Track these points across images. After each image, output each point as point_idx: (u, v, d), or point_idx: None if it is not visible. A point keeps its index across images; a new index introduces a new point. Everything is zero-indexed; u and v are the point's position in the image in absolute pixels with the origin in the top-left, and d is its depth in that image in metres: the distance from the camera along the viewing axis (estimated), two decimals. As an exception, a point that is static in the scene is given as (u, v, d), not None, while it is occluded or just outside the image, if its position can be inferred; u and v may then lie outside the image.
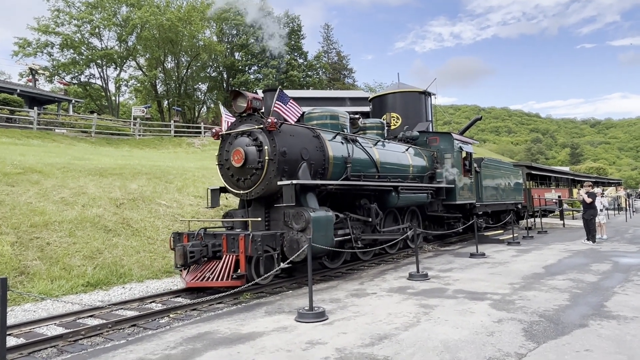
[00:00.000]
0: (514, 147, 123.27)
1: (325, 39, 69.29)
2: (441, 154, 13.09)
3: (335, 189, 8.33)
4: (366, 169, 9.62)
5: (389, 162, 10.58)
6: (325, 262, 8.80)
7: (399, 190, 10.14)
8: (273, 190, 7.54)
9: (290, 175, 7.60)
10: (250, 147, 7.54)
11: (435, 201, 12.32)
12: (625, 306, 5.50)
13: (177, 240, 7.68)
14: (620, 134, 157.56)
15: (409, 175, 11.44)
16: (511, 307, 5.61)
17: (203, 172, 15.39)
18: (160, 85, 49.50)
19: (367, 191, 9.57)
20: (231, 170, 7.87)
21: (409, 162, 11.56)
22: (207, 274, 6.98)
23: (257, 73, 56.93)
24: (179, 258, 7.00)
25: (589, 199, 12.19)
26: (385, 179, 10.15)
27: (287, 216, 7.36)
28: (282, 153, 7.45)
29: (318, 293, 6.79)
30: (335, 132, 9.15)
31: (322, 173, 8.41)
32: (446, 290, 6.71)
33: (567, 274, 7.85)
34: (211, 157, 24.69)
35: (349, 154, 9.06)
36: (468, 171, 13.57)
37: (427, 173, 12.39)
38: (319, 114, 9.88)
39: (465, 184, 13.27)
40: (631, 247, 11.35)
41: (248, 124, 7.85)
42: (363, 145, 9.84)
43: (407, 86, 22.06)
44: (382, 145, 10.78)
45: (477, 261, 9.63)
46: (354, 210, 9.37)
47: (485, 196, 14.67)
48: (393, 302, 6.02)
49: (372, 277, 8.12)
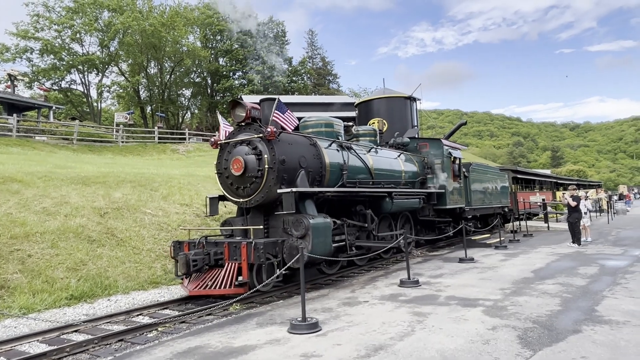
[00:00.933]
0: (496, 150, 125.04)
1: (309, 45, 69.46)
2: (431, 160, 13.27)
3: (332, 195, 8.49)
4: (361, 176, 9.77)
5: (382, 169, 10.74)
6: (324, 268, 8.88)
7: (392, 196, 10.32)
8: (272, 198, 7.63)
9: (289, 183, 7.70)
10: (249, 155, 7.62)
11: (426, 206, 12.50)
12: (616, 310, 5.53)
13: (177, 249, 7.69)
14: (598, 137, 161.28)
15: (402, 181, 11.60)
16: (504, 313, 5.60)
17: (189, 179, 15.17)
18: (143, 91, 48.89)
19: (363, 197, 9.72)
20: (230, 178, 7.92)
21: (401, 168, 11.72)
22: (209, 282, 7.02)
23: (242, 78, 56.72)
24: (182, 267, 7.02)
25: (573, 203, 12.35)
26: (379, 185, 10.31)
27: (287, 223, 7.45)
28: (282, 161, 7.55)
29: (309, 302, 6.70)
30: (331, 140, 9.27)
31: (319, 180, 8.53)
32: (438, 297, 6.68)
33: (556, 278, 7.90)
34: (196, 163, 24.42)
35: (344, 161, 9.18)
36: (457, 176, 13.77)
37: (419, 178, 12.57)
38: (315, 122, 10.00)
39: (455, 189, 13.49)
40: (615, 249, 11.52)
41: (247, 133, 7.91)
42: (357, 152, 9.98)
43: (392, 91, 22.18)
44: (375, 152, 10.93)
45: (466, 266, 9.65)
46: (350, 216, 9.50)
47: (474, 200, 14.95)
48: (386, 311, 5.96)
49: (363, 285, 8.06)
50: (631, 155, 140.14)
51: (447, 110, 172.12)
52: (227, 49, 55.49)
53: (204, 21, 52.94)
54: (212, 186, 15.05)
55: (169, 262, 9.61)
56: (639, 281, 7.27)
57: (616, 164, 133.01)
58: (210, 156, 28.37)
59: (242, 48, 54.73)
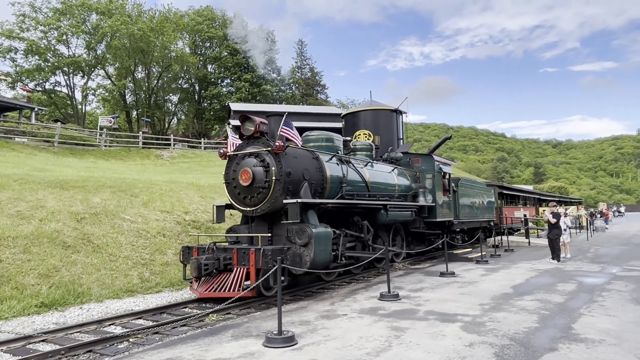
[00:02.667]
0: (480, 165, 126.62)
1: (299, 55, 69.67)
2: (423, 174, 13.73)
3: (332, 206, 8.98)
4: (358, 189, 10.20)
5: (377, 182, 11.15)
6: (323, 275, 9.25)
7: (387, 208, 10.80)
8: (277, 207, 8.05)
9: (294, 194, 8.17)
10: (257, 167, 8.07)
11: (418, 218, 12.92)
12: (592, 328, 5.55)
13: (187, 254, 8.14)
14: (579, 154, 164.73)
15: (395, 194, 11.97)
16: (482, 329, 5.57)
17: (171, 185, 14.97)
18: (130, 95, 48.44)
19: (360, 209, 10.18)
20: (238, 188, 8.35)
21: (394, 182, 12.13)
22: (218, 285, 7.47)
23: (230, 86, 56.61)
24: (194, 270, 7.47)
25: (553, 220, 12.49)
26: (375, 197, 10.76)
27: (290, 232, 7.85)
28: (287, 174, 8.01)
29: (287, 314, 6.59)
30: (331, 154, 9.73)
31: (320, 192, 8.98)
32: (417, 312, 6.64)
33: (534, 294, 7.93)
34: (180, 170, 24.17)
35: (344, 174, 9.65)
36: (447, 190, 14.25)
37: (411, 192, 12.99)
38: (316, 136, 10.50)
39: (444, 202, 13.95)
40: (594, 266, 11.65)
41: (255, 146, 8.34)
42: (355, 166, 10.47)
43: (379, 104, 22.31)
44: (371, 166, 11.38)
45: (447, 280, 9.64)
46: (348, 226, 10.01)
47: (462, 214, 15.41)
48: (364, 325, 5.89)
49: (343, 297, 7.98)
50: (611, 173, 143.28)
51: (434, 124, 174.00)
52: (216, 56, 55.41)
53: (194, 27, 52.86)
54: (195, 193, 14.88)
55: (146, 269, 9.41)
56: (615, 299, 7.34)
57: (596, 181, 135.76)
58: (195, 163, 28.14)
59: (231, 56, 54.72)
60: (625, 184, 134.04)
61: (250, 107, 47.09)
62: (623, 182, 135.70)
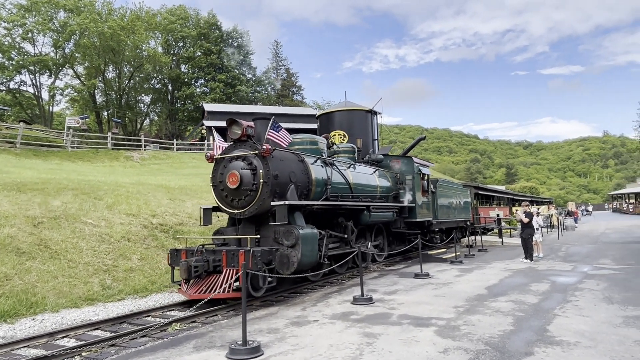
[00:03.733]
0: (454, 166, 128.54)
1: (274, 56, 69.22)
2: (403, 176, 14.04)
3: (317, 208, 9.22)
4: (342, 190, 10.41)
5: (360, 184, 11.38)
6: (309, 275, 9.16)
7: (370, 209, 11.07)
8: (265, 209, 8.17)
9: (281, 196, 8.27)
10: (245, 170, 8.16)
11: (398, 219, 13.22)
12: (567, 330, 5.44)
13: (175, 256, 8.10)
14: (549, 155, 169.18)
15: (377, 195, 12.21)
16: (457, 333, 5.39)
17: (139, 187, 14.40)
18: (100, 96, 47.02)
19: (344, 210, 10.47)
20: (225, 191, 8.39)
21: (376, 183, 12.37)
22: (205, 287, 7.46)
23: (204, 86, 55.67)
24: (184, 272, 7.46)
25: (526, 219, 12.53)
26: (358, 199, 10.96)
27: (278, 233, 7.95)
28: (275, 176, 8.16)
29: (255, 322, 6.28)
30: (316, 157, 9.92)
31: (306, 194, 9.14)
32: (391, 316, 6.42)
33: (509, 295, 7.83)
34: (151, 171, 23.45)
35: (328, 176, 9.85)
36: (425, 191, 14.60)
37: (392, 193, 13.22)
38: (301, 139, 10.74)
39: (423, 203, 14.32)
40: (566, 265, 11.72)
41: (242, 149, 8.45)
42: (339, 168, 10.69)
43: (353, 104, 22.14)
44: (354, 168, 11.60)
45: (421, 282, 9.49)
46: (332, 227, 10.25)
47: (440, 214, 15.82)
48: (335, 331, 5.63)
49: (315, 302, 7.71)
50: (579, 173, 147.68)
51: (409, 126, 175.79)
52: (189, 56, 54.40)
53: (166, 27, 51.76)
54: (164, 195, 14.37)
55: (108, 276, 8.92)
56: (588, 299, 7.30)
57: (565, 181, 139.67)
58: (167, 164, 27.42)
59: (205, 55, 53.82)
60: (592, 184, 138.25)
61: (224, 107, 46.44)
62: (590, 182, 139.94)
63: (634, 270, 10.34)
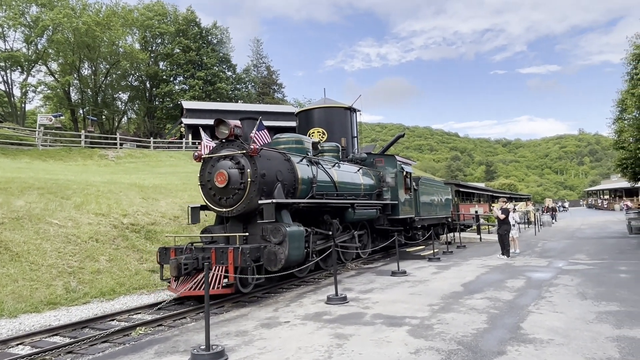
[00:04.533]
0: (435, 164, 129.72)
1: (255, 53, 68.63)
2: (386, 174, 14.36)
3: (303, 206, 9.42)
4: (327, 188, 10.67)
5: (345, 182, 11.64)
6: (295, 272, 9.54)
7: (355, 206, 11.40)
8: (252, 208, 8.32)
9: (268, 194, 8.49)
10: (233, 169, 8.31)
11: (382, 216, 13.55)
12: (541, 327, 5.36)
13: (164, 254, 8.20)
14: (527, 153, 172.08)
15: (361, 193, 12.48)
16: (429, 333, 5.26)
17: (110, 186, 13.95)
18: (76, 93, 45.80)
19: (329, 208, 10.72)
20: (213, 189, 8.52)
21: (360, 182, 12.63)
22: (195, 284, 7.49)
23: (183, 84, 54.78)
24: (174, 270, 7.53)
25: (502, 215, 12.56)
26: (342, 197, 11.25)
27: (265, 231, 8.11)
28: (262, 175, 8.32)
29: (225, 324, 6.05)
30: (302, 156, 10.15)
31: (292, 192, 9.37)
32: (364, 315, 6.26)
33: (484, 292, 7.77)
34: (126, 170, 22.88)
35: (314, 175, 10.07)
36: (408, 189, 14.95)
37: (375, 191, 13.50)
38: (286, 139, 10.98)
39: (406, 200, 14.66)
40: (541, 261, 11.78)
41: (230, 149, 8.60)
42: (324, 167, 10.93)
43: (332, 102, 21.98)
44: (339, 167, 11.88)
45: (398, 280, 9.38)
46: (317, 225, 10.49)
47: (422, 211, 16.24)
48: (306, 333, 5.44)
49: (289, 302, 7.51)
50: (555, 171, 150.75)
51: (391, 124, 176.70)
52: (167, 53, 53.45)
53: (144, 23, 50.70)
54: (137, 194, 13.96)
55: (73, 278, 8.55)
56: (562, 295, 7.27)
57: (543, 178, 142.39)
58: (143, 163, 26.83)
59: (183, 52, 52.97)
60: (568, 181, 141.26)
61: (203, 105, 45.78)
62: (567, 179, 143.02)
63: (607, 265, 10.43)
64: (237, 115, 47.23)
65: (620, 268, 9.92)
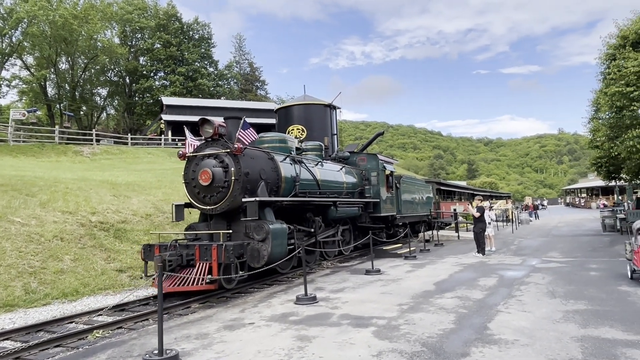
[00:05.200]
0: (418, 162, 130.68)
1: (237, 49, 68.01)
2: (368, 172, 14.61)
3: (286, 204, 9.66)
4: (310, 187, 10.87)
5: (327, 180, 11.84)
6: (279, 268, 9.61)
7: (337, 204, 11.63)
8: (236, 205, 8.49)
9: (252, 192, 8.66)
10: (217, 168, 8.47)
11: (364, 213, 13.84)
12: (507, 327, 5.29)
13: (148, 251, 8.28)
14: (508, 152, 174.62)
15: (343, 191, 12.70)
16: (395, 334, 5.14)
17: (80, 184, 13.54)
18: (53, 88, 44.67)
19: (312, 206, 10.93)
20: (198, 187, 8.68)
21: (343, 180, 12.85)
22: (179, 280, 7.59)
23: (163, 79, 53.90)
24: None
25: (477, 213, 12.57)
26: (325, 195, 11.46)
27: (249, 228, 8.28)
28: (246, 174, 8.49)
29: (186, 326, 5.84)
30: (285, 155, 10.32)
31: (275, 190, 9.55)
32: (332, 316, 6.12)
33: (455, 290, 7.71)
34: (101, 167, 22.35)
35: (297, 173, 10.26)
36: (390, 187, 15.24)
37: (358, 189, 13.72)
38: (270, 138, 11.15)
39: (388, 198, 14.93)
40: (515, 259, 11.83)
41: (214, 148, 8.74)
42: (307, 166, 11.11)
43: (312, 98, 21.80)
44: (321, 165, 12.07)
45: (371, 278, 9.27)
46: (301, 222, 10.69)
47: (404, 209, 16.55)
48: (269, 335, 5.27)
49: (258, 302, 7.33)
50: (536, 169, 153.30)
51: (375, 122, 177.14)
52: (148, 48, 52.54)
53: (123, 17, 49.74)
54: (108, 192, 13.58)
55: (34, 279, 8.22)
56: (532, 293, 7.25)
57: (523, 177, 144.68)
58: (119, 159, 26.28)
59: (164, 48, 52.11)
60: (548, 179, 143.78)
61: (183, 101, 45.14)
62: (546, 178, 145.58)
63: (579, 263, 10.51)
64: (218, 111, 46.83)
65: (591, 266, 10.00)
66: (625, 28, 14.21)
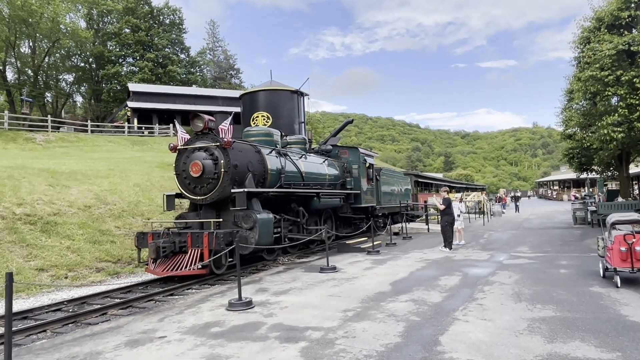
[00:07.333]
0: (396, 154, 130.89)
1: (210, 36, 65.98)
2: (350, 165, 15.22)
3: (272, 194, 10.25)
4: (295, 178, 11.46)
5: (311, 172, 12.40)
6: (264, 255, 10.24)
7: (320, 195, 12.24)
8: (225, 196, 9.05)
9: (240, 184, 9.21)
10: (207, 160, 8.98)
11: (345, 204, 14.49)
12: (462, 342, 4.46)
13: (141, 239, 8.84)
14: (484, 145, 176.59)
15: (326, 183, 13.31)
16: (327, 352, 4.25)
17: (13, 172, 12.24)
18: (13, 73, 42.26)
19: (297, 196, 11.53)
20: (188, 179, 9.23)
21: (325, 172, 13.44)
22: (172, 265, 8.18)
23: (132, 65, 51.74)
24: (153, 252, 8.29)
25: (441, 206, 11.82)
26: (309, 186, 12.05)
27: (237, 217, 8.92)
28: (235, 166, 9.06)
29: (82, 342, 4.83)
30: (271, 148, 10.89)
31: (262, 182, 10.09)
32: (261, 326, 5.20)
33: (412, 292, 6.88)
34: (53, 155, 20.86)
35: (282, 166, 10.82)
36: (370, 179, 15.88)
37: (339, 181, 14.37)
38: (256, 132, 11.77)
39: (368, 190, 15.62)
40: (483, 254, 11.13)
41: (204, 141, 9.28)
42: (292, 158, 11.69)
43: (279, 84, 20.79)
44: (305, 158, 12.61)
45: (324, 277, 8.39)
46: (286, 212, 11.22)
47: (383, 200, 17.32)
48: (174, 354, 4.32)
49: (186, 307, 6.35)
50: (510, 162, 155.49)
51: (354, 114, 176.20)
52: (115, 32, 50.28)
53: (88, -1, 47.28)
54: (45, 181, 12.32)
55: None
56: (496, 295, 6.48)
57: (498, 169, 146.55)
58: (76, 147, 24.77)
59: (132, 32, 49.93)
60: (522, 172, 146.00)
61: (150, 88, 43.36)
62: (520, 170, 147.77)
63: (549, 259, 9.87)
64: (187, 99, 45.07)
65: (561, 262, 9.35)
66: (600, 10, 13.60)
